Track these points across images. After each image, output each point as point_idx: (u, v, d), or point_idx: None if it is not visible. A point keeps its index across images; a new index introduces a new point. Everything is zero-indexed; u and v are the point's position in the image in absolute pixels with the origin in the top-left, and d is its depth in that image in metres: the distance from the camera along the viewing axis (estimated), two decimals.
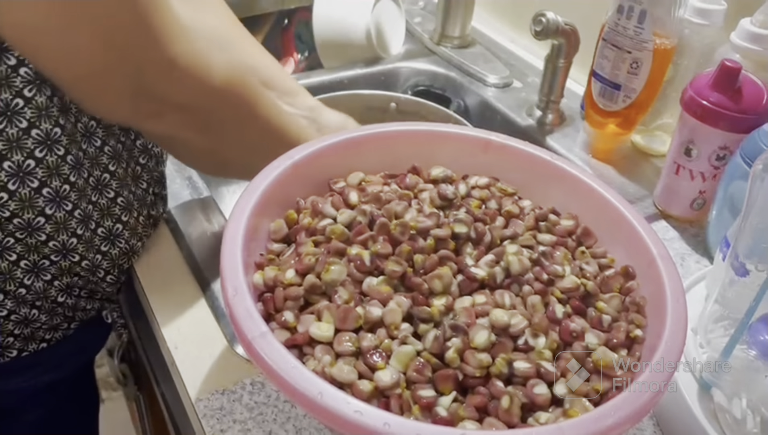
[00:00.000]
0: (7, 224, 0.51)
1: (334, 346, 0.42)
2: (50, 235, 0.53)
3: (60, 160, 0.51)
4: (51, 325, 0.59)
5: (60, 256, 0.55)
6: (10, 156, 0.49)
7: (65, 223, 0.54)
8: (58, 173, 0.52)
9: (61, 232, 0.54)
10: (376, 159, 0.57)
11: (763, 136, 0.60)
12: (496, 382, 0.40)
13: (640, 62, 0.74)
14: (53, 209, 0.52)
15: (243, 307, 0.41)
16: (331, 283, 0.45)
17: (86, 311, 0.63)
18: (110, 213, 0.58)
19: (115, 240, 0.59)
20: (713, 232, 0.68)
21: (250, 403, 0.50)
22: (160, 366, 0.69)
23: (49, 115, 0.49)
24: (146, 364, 0.84)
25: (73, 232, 0.55)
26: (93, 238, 0.57)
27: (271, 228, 0.51)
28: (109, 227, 0.58)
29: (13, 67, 0.46)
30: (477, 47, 1.03)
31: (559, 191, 0.56)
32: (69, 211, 0.54)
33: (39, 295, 0.56)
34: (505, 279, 0.47)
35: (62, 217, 0.53)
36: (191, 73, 0.49)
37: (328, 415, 0.36)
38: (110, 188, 0.57)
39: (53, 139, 0.50)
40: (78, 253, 0.56)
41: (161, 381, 0.75)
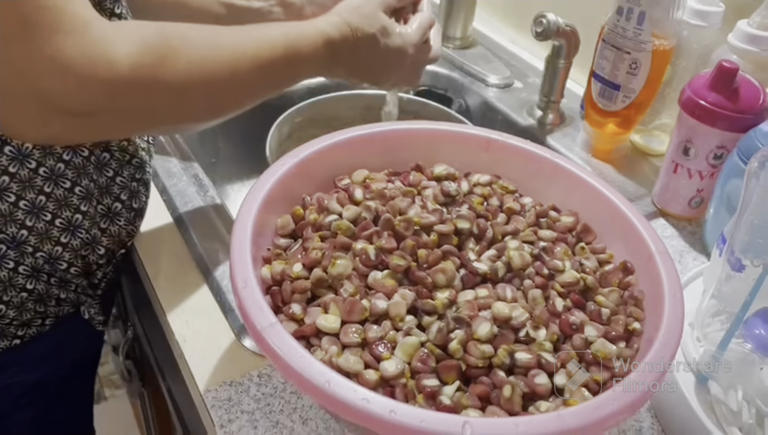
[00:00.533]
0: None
1: (340, 338, 0.44)
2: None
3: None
4: (21, 320, 0.58)
5: (13, 246, 0.55)
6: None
7: (11, 215, 0.53)
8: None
9: (9, 224, 0.54)
10: (380, 157, 0.59)
11: (759, 135, 0.62)
12: (498, 372, 0.42)
13: (639, 63, 0.75)
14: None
15: (252, 298, 0.42)
16: (337, 276, 0.46)
17: (60, 304, 0.61)
18: (68, 203, 0.56)
19: (75, 230, 0.58)
20: (710, 230, 0.69)
21: (257, 394, 0.51)
22: (167, 360, 0.70)
23: None
24: (152, 359, 0.85)
25: (22, 224, 0.54)
26: (50, 228, 0.56)
27: (278, 223, 0.52)
28: (68, 218, 0.57)
29: None
30: (478, 48, 1.04)
31: (560, 189, 0.57)
32: (13, 203, 0.53)
33: (5, 284, 0.56)
34: (506, 273, 0.48)
35: (6, 209, 0.53)
36: (91, 74, 0.42)
37: (335, 403, 0.37)
38: (66, 178, 0.56)
39: None
40: (31, 245, 0.55)
41: (167, 375, 0.76)
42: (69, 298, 0.62)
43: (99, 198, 0.59)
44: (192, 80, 0.47)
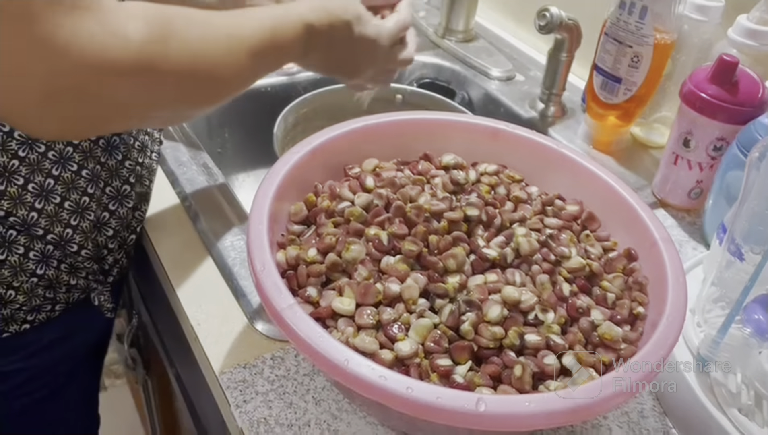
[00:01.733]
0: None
1: (355, 319, 0.45)
2: (8, 211, 0.54)
3: None
4: (31, 306, 0.59)
5: (23, 229, 0.56)
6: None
7: (21, 197, 0.55)
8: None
9: (19, 206, 0.55)
10: (389, 146, 0.60)
11: (759, 127, 0.63)
12: (509, 352, 0.43)
13: (641, 56, 0.76)
14: (4, 185, 0.53)
15: (271, 281, 0.43)
16: (351, 261, 0.48)
17: (70, 291, 0.62)
18: (75, 186, 0.58)
19: (84, 213, 0.59)
20: (710, 220, 0.70)
21: (271, 376, 0.53)
22: (177, 345, 0.71)
23: None
24: (159, 345, 0.86)
25: (32, 206, 0.56)
26: (59, 211, 0.57)
27: (291, 210, 0.54)
28: (76, 200, 0.58)
29: None
30: (480, 41, 1.06)
31: (565, 178, 0.59)
32: (21, 186, 0.54)
33: (15, 269, 0.56)
34: (515, 259, 0.50)
35: (15, 192, 0.54)
36: (103, 69, 0.39)
37: (354, 381, 0.39)
38: (74, 161, 0.57)
39: None
40: (41, 227, 0.57)
41: (177, 360, 0.77)
42: (79, 285, 0.63)
43: (107, 180, 0.60)
44: (194, 61, 0.45)
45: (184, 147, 0.78)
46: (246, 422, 0.49)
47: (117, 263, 0.66)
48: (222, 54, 0.47)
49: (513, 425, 0.38)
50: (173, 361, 0.80)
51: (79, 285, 0.63)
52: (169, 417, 1.07)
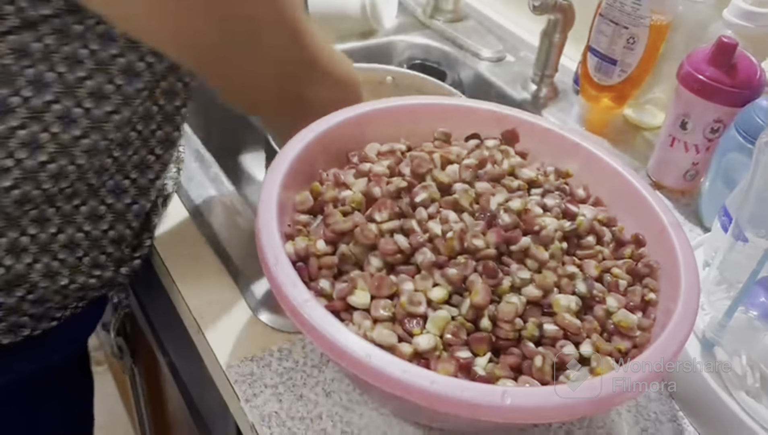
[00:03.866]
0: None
1: (371, 312, 0.44)
2: (84, 201, 0.54)
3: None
4: (63, 304, 0.59)
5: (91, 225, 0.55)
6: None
7: (97, 192, 0.54)
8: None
9: (93, 198, 0.54)
10: (392, 131, 0.59)
11: (757, 109, 0.64)
12: (528, 343, 0.43)
13: (637, 38, 0.76)
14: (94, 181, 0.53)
15: (285, 275, 0.42)
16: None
17: (97, 289, 0.62)
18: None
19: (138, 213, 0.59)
20: (706, 202, 0.71)
21: (279, 368, 0.52)
22: (174, 336, 0.70)
23: None
24: (150, 335, 0.85)
25: (103, 201, 0.55)
26: (125, 211, 0.58)
27: (297, 200, 0.52)
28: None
29: None
30: (470, 21, 1.04)
31: (569, 162, 0.58)
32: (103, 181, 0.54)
33: (71, 269, 0.56)
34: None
35: (97, 185, 0.54)
36: (332, 75, 0.56)
37: (376, 375, 0.38)
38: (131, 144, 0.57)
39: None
40: (107, 222, 0.56)
41: (173, 351, 0.76)
42: (105, 277, 0.61)
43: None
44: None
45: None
46: (257, 416, 0.49)
47: (136, 249, 0.65)
48: None
49: (539, 417, 0.38)
50: (167, 351, 0.78)
51: (105, 277, 0.61)
52: (158, 406, 1.05)
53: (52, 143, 0.49)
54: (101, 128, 0.51)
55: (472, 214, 0.49)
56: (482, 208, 0.49)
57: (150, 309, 0.81)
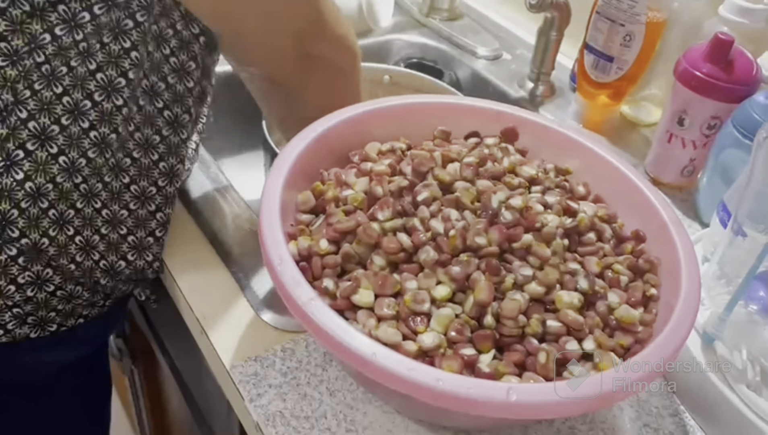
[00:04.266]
0: (73, 193, 0.53)
1: (375, 311, 0.44)
2: (104, 202, 0.54)
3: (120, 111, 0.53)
4: (91, 301, 0.60)
5: (110, 228, 0.56)
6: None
7: (120, 195, 0.56)
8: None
9: (114, 201, 0.55)
10: (393, 130, 0.59)
11: (754, 105, 0.64)
12: (532, 340, 0.43)
13: (633, 35, 0.77)
14: (112, 178, 0.55)
15: (290, 275, 0.43)
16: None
17: (123, 286, 0.62)
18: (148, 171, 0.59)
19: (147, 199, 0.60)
20: (704, 198, 0.71)
21: (283, 368, 0.52)
22: (177, 337, 0.70)
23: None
24: (150, 336, 0.85)
25: (126, 205, 0.56)
26: (123, 191, 0.57)
27: (299, 199, 0.52)
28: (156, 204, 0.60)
29: None
30: (465, 20, 1.05)
31: (568, 159, 0.59)
32: (126, 184, 0.56)
33: (85, 273, 0.57)
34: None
35: (118, 187, 0.55)
36: (336, 32, 0.60)
37: (382, 374, 0.38)
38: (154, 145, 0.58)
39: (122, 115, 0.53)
40: (126, 227, 0.57)
41: (175, 351, 0.76)
42: (133, 277, 0.61)
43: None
44: None
45: None
46: (261, 416, 0.49)
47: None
48: None
49: (544, 413, 0.38)
50: (168, 352, 0.79)
51: (132, 277, 0.62)
52: (158, 406, 1.05)
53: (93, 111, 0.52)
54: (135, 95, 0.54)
55: (473, 212, 0.49)
56: (484, 205, 0.49)
57: (149, 309, 0.81)
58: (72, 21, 0.49)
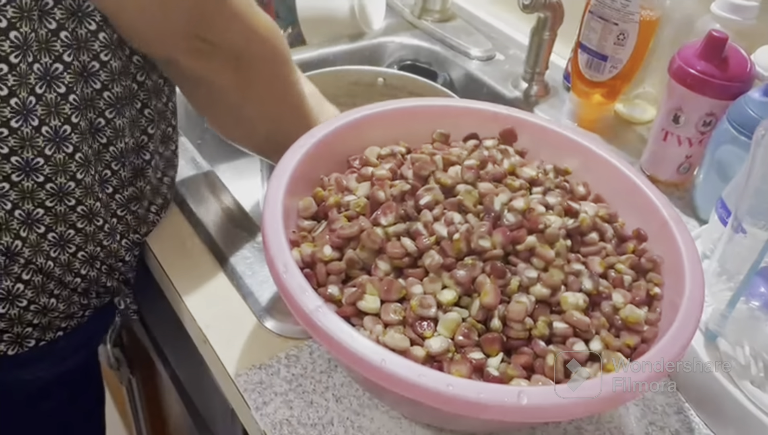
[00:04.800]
0: (39, 191, 0.51)
1: (381, 316, 0.44)
2: (79, 199, 0.54)
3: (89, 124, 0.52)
4: (68, 313, 0.59)
5: (85, 221, 0.55)
6: (50, 121, 0.49)
7: (91, 187, 0.54)
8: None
9: (89, 195, 0.54)
10: (391, 134, 0.59)
11: (749, 102, 0.64)
12: (539, 342, 0.43)
13: (627, 33, 0.77)
14: (82, 174, 0.53)
15: (296, 282, 0.42)
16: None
17: (101, 296, 0.62)
18: (127, 181, 0.58)
19: (129, 204, 0.60)
20: (701, 194, 0.72)
21: (288, 375, 0.52)
22: (177, 346, 0.70)
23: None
24: (149, 345, 0.84)
25: (97, 197, 0.55)
26: (110, 202, 0.58)
27: (300, 206, 0.52)
28: (127, 196, 0.59)
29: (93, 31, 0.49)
30: (458, 21, 1.05)
31: (568, 160, 0.59)
32: (93, 176, 0.54)
33: (64, 269, 0.56)
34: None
35: (89, 181, 0.54)
36: (242, 19, 0.54)
37: (392, 380, 0.38)
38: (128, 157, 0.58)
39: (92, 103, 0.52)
40: (101, 217, 0.56)
41: (175, 360, 0.76)
42: (112, 287, 0.62)
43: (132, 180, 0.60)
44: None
45: None
46: (268, 424, 0.48)
47: (137, 264, 0.65)
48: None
49: (555, 415, 0.38)
50: (168, 361, 0.78)
51: (111, 287, 0.62)
52: (157, 416, 1.05)
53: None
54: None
55: (476, 215, 0.49)
56: (486, 208, 0.49)
57: (148, 319, 0.81)
58: None
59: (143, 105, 0.57)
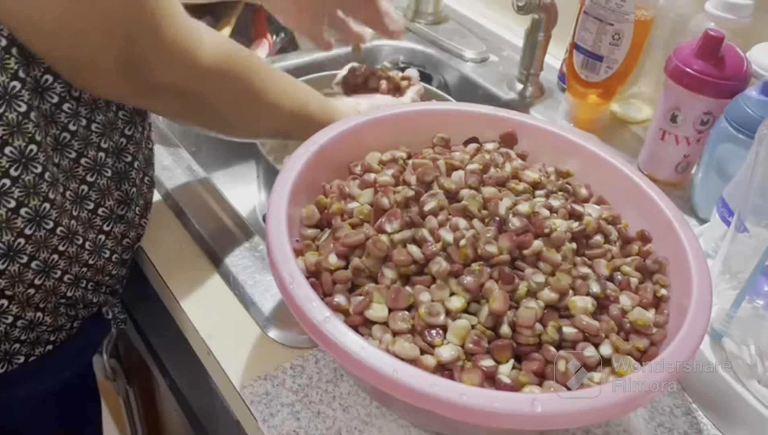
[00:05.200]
0: (15, 220, 0.49)
1: (389, 325, 0.44)
2: (56, 221, 0.52)
3: (54, 139, 0.51)
4: (56, 326, 0.58)
5: (67, 243, 0.53)
6: (12, 141, 0.47)
7: (63, 207, 0.52)
8: (56, 154, 0.51)
9: (64, 216, 0.52)
10: (392, 140, 0.58)
11: (747, 100, 0.65)
12: (549, 347, 0.43)
13: (622, 34, 0.77)
14: (54, 194, 0.51)
15: (303, 293, 0.42)
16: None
17: (89, 307, 0.61)
18: (109, 193, 0.57)
19: (116, 217, 0.58)
20: (700, 193, 0.72)
21: (294, 386, 0.51)
22: (178, 357, 0.69)
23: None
24: (147, 356, 0.83)
25: (72, 215, 0.53)
26: (93, 218, 0.56)
27: (303, 214, 0.52)
28: (110, 207, 0.57)
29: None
30: (451, 23, 1.05)
31: (571, 162, 0.59)
32: (62, 193, 0.52)
33: (49, 293, 0.55)
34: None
35: (61, 200, 0.52)
36: (179, 57, 0.49)
37: (404, 390, 0.38)
38: (107, 167, 0.56)
39: (54, 118, 0.50)
40: (81, 236, 0.55)
41: (176, 372, 0.75)
42: (99, 301, 0.61)
43: (117, 184, 0.58)
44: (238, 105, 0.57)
45: (163, 148, 0.75)
46: None
47: (127, 272, 0.64)
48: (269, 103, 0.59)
49: (570, 423, 0.37)
50: (168, 372, 0.77)
51: (98, 301, 0.61)
52: (155, 427, 1.04)
53: None
54: None
55: (481, 220, 0.49)
56: (491, 213, 0.49)
57: (147, 329, 0.80)
58: None
59: (118, 107, 0.55)
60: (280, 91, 0.60)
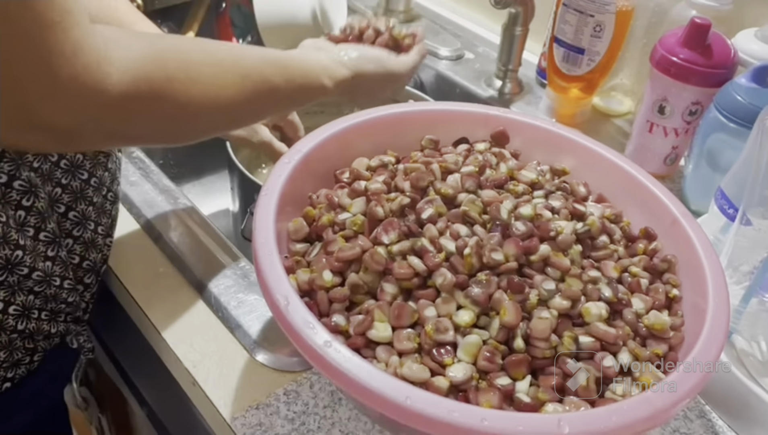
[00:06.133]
0: None
1: (394, 345, 0.40)
2: None
3: None
4: (12, 361, 0.53)
5: (5, 273, 0.49)
6: None
7: (6, 236, 0.48)
8: None
9: (2, 246, 0.48)
10: (378, 143, 0.55)
11: (737, 88, 0.63)
12: (567, 360, 0.40)
13: (603, 25, 0.75)
14: None
15: (300, 316, 0.38)
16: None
17: (49, 339, 0.56)
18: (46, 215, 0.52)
19: (58, 241, 0.53)
20: (691, 185, 0.70)
21: (289, 414, 0.47)
22: (157, 386, 0.64)
23: None
24: (121, 384, 0.78)
25: (16, 244, 0.49)
26: (36, 244, 0.51)
27: (290, 228, 0.48)
28: (52, 230, 0.52)
29: None
30: (422, 20, 1.02)
31: (566, 159, 0.56)
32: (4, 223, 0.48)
33: None
34: None
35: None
36: (81, 95, 0.40)
37: (420, 419, 0.34)
38: (39, 188, 0.50)
39: None
40: (26, 265, 0.50)
41: (152, 399, 0.70)
42: (59, 331, 0.56)
43: (70, 204, 0.54)
44: (187, 111, 0.47)
45: (129, 163, 0.70)
46: None
47: (93, 297, 0.59)
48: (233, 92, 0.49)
49: None
50: (144, 399, 0.72)
51: (58, 332, 0.56)
52: None
53: None
54: None
55: (483, 226, 0.46)
56: (493, 218, 0.46)
57: (120, 355, 0.75)
58: None
59: None
60: (227, 80, 0.49)
